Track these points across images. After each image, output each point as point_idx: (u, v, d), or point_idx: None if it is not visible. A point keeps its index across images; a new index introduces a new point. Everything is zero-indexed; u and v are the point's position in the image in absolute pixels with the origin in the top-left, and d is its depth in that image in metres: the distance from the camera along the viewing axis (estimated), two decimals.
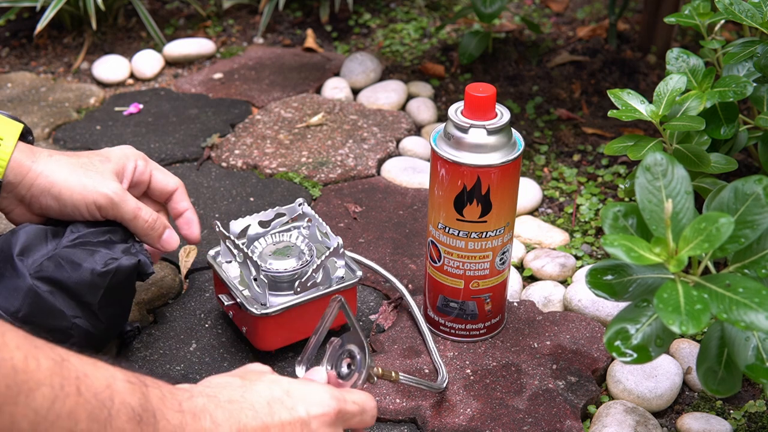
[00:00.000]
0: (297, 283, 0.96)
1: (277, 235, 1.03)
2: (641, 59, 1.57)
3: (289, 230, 1.04)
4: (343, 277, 0.99)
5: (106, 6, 1.65)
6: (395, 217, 1.22)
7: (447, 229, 0.96)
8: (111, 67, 1.57)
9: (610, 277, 0.73)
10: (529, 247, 1.18)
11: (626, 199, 1.21)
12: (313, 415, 0.74)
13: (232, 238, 0.98)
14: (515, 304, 1.08)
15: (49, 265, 0.91)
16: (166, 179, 1.01)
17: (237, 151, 1.34)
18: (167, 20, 1.76)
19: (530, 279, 1.14)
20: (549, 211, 1.26)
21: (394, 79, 1.56)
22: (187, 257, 1.14)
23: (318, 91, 1.53)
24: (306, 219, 1.04)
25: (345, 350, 0.84)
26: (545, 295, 1.09)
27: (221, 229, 0.99)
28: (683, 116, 0.96)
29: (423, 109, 1.46)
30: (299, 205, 1.04)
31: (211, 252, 1.03)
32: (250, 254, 0.95)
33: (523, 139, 0.96)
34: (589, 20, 1.76)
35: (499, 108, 0.94)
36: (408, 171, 1.31)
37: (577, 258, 1.16)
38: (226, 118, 1.44)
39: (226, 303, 0.99)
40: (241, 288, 0.98)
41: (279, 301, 0.96)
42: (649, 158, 0.71)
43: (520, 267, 1.15)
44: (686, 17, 1.06)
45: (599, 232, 1.21)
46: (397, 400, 0.95)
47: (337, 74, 1.57)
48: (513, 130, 0.95)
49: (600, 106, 1.47)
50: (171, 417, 0.67)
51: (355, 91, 1.54)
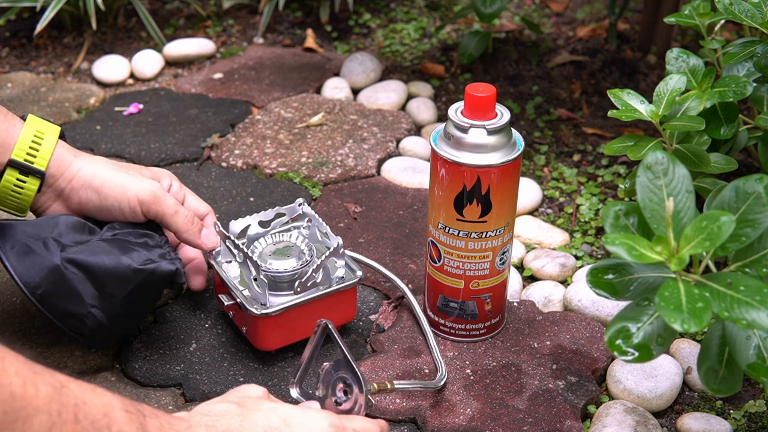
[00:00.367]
0: (297, 283, 0.96)
1: (277, 235, 1.02)
2: (641, 59, 1.57)
3: (289, 230, 1.04)
4: (343, 277, 0.99)
5: (106, 6, 1.65)
6: (395, 217, 1.22)
7: (447, 229, 0.96)
8: (111, 67, 1.57)
9: (611, 276, 0.73)
10: (529, 247, 1.18)
11: (626, 199, 1.20)
12: None
13: (232, 238, 0.98)
14: (515, 304, 1.08)
15: (84, 250, 0.92)
16: (198, 203, 1.04)
17: (237, 151, 1.34)
18: (167, 20, 1.76)
19: (530, 279, 1.14)
20: (549, 211, 1.26)
21: (394, 79, 1.56)
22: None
23: (318, 91, 1.53)
24: (306, 219, 1.04)
25: (338, 377, 0.85)
26: (545, 295, 1.09)
27: (221, 229, 0.99)
28: (683, 116, 0.96)
29: (423, 109, 1.46)
30: (299, 205, 1.04)
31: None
32: (250, 254, 0.95)
33: (523, 139, 0.96)
34: (589, 20, 1.76)
35: (499, 108, 0.94)
36: (408, 171, 1.31)
37: (577, 258, 1.16)
38: (226, 118, 1.43)
39: (226, 303, 0.99)
40: (241, 288, 0.98)
41: (279, 301, 0.96)
42: (650, 157, 0.71)
43: (520, 267, 1.15)
44: (686, 17, 1.06)
45: (599, 232, 1.21)
46: (397, 400, 0.95)
47: (337, 74, 1.57)
48: (513, 130, 0.95)
49: (600, 106, 1.47)
50: None
51: (355, 91, 1.54)
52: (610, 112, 0.95)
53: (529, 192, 1.26)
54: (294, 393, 0.90)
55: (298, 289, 0.96)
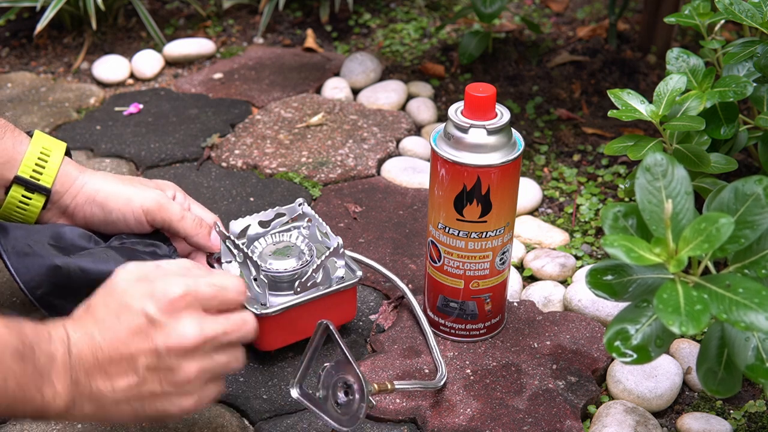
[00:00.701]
0: (297, 283, 0.96)
1: (277, 235, 1.03)
2: (641, 59, 1.57)
3: (289, 230, 1.04)
4: (343, 277, 0.99)
5: (106, 6, 1.65)
6: (395, 217, 1.22)
7: (447, 229, 0.96)
8: (111, 67, 1.57)
9: (610, 277, 0.73)
10: (529, 247, 1.18)
11: (626, 199, 1.21)
12: (158, 309, 0.75)
13: (232, 238, 0.99)
14: (515, 304, 1.08)
15: (86, 255, 0.93)
16: (203, 212, 1.04)
17: (237, 151, 1.34)
18: (167, 20, 1.76)
19: (530, 279, 1.14)
20: (549, 211, 1.26)
21: (394, 79, 1.56)
22: None
23: (318, 91, 1.53)
24: (306, 219, 1.04)
25: (339, 377, 0.85)
26: (545, 295, 1.09)
27: (221, 229, 0.99)
28: (683, 116, 0.96)
29: (423, 109, 1.46)
30: (299, 205, 1.04)
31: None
32: (250, 254, 0.95)
33: (523, 139, 0.96)
34: (589, 20, 1.76)
35: (499, 108, 0.94)
36: (408, 171, 1.31)
37: (577, 258, 1.16)
38: (226, 118, 1.44)
39: None
40: None
41: (279, 301, 0.96)
42: (650, 159, 0.71)
43: (520, 267, 1.15)
44: (686, 17, 1.06)
45: (599, 232, 1.21)
46: (397, 400, 0.95)
47: (337, 74, 1.57)
48: (513, 130, 0.95)
49: (600, 106, 1.47)
50: (44, 348, 0.72)
51: (355, 91, 1.54)
52: (610, 112, 0.95)
53: (529, 192, 1.26)
54: (294, 393, 0.90)
55: (298, 289, 0.96)
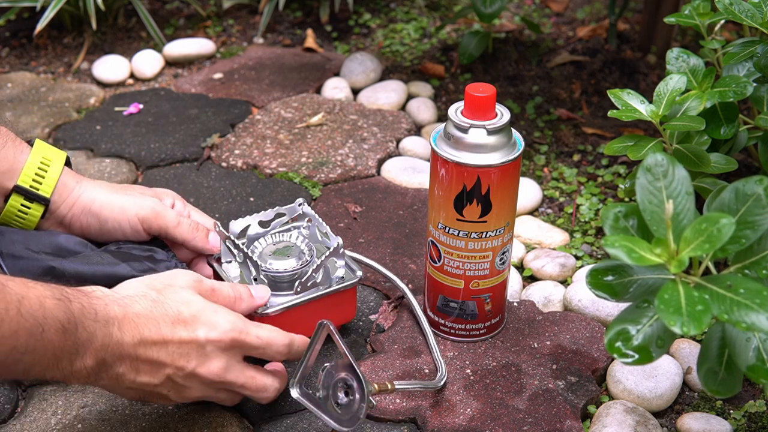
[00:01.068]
0: (297, 283, 0.96)
1: (277, 235, 1.02)
2: (641, 59, 1.57)
3: (289, 230, 1.04)
4: (343, 277, 0.99)
5: (106, 6, 1.65)
6: (395, 217, 1.22)
7: (447, 229, 0.96)
8: (111, 67, 1.57)
9: (610, 277, 0.73)
10: (529, 247, 1.18)
11: (626, 199, 1.21)
12: (209, 338, 0.83)
13: (232, 238, 0.98)
14: (515, 304, 1.08)
15: (80, 259, 0.93)
16: (203, 219, 1.04)
17: (237, 151, 1.34)
18: (167, 20, 1.76)
19: (530, 279, 1.14)
20: (549, 211, 1.26)
21: (394, 79, 1.56)
22: None
23: (318, 91, 1.53)
24: (306, 219, 1.04)
25: (339, 377, 0.85)
26: (545, 295, 1.09)
27: (221, 229, 0.99)
28: (683, 116, 0.96)
29: (423, 109, 1.46)
30: (299, 205, 1.04)
31: None
32: (250, 254, 0.95)
33: (523, 139, 0.96)
34: (589, 20, 1.76)
35: (499, 108, 0.94)
36: (408, 171, 1.31)
37: (577, 258, 1.16)
38: (226, 118, 1.43)
39: None
40: None
41: (279, 301, 0.96)
42: (650, 159, 0.71)
43: (520, 267, 1.15)
44: (686, 17, 1.06)
45: (599, 232, 1.21)
46: (397, 400, 0.95)
47: (337, 74, 1.57)
48: (513, 130, 0.95)
49: (600, 106, 1.47)
50: (87, 325, 0.76)
51: (355, 91, 1.54)
52: (610, 112, 0.95)
53: (529, 192, 1.26)
54: (294, 393, 0.90)
55: (298, 289, 0.96)
